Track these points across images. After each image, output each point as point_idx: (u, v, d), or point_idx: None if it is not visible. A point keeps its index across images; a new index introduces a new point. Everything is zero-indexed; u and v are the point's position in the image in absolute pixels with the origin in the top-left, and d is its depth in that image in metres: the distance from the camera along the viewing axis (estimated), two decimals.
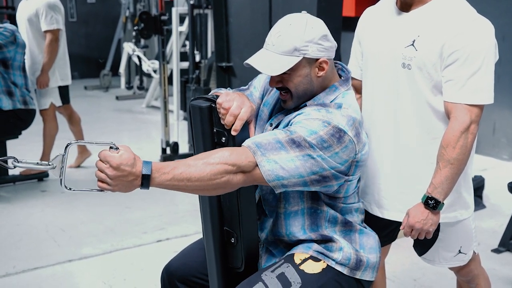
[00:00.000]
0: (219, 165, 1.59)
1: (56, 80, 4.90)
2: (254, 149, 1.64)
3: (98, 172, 1.51)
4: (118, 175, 1.49)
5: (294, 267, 1.81)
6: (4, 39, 4.41)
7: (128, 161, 1.49)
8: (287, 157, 1.65)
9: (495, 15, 5.37)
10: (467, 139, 1.90)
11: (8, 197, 4.57)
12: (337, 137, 1.68)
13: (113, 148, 1.50)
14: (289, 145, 1.65)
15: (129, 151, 1.52)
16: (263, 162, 1.64)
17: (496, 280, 3.20)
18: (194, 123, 1.81)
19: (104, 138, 6.43)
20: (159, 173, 1.53)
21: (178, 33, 6.46)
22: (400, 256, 3.38)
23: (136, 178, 1.51)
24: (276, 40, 1.76)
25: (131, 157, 1.50)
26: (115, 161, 1.48)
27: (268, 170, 1.64)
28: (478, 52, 1.89)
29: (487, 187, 4.50)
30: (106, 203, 4.37)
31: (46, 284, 3.19)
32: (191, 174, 1.56)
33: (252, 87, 2.04)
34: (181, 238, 3.77)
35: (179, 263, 2.04)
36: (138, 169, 1.51)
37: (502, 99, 5.47)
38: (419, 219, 1.94)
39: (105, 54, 10.41)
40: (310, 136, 1.66)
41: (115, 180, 1.49)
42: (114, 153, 1.50)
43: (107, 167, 1.49)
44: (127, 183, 1.51)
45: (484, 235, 3.79)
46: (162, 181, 1.54)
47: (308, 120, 1.70)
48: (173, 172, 1.54)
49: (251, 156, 1.64)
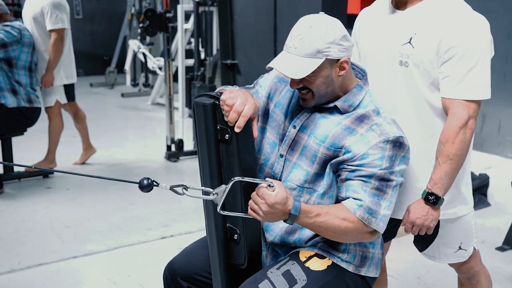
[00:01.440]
0: (353, 224, 1.73)
1: (61, 79, 4.90)
2: (369, 220, 1.74)
3: (253, 204, 1.68)
4: (271, 212, 1.65)
5: (300, 264, 1.82)
6: (10, 38, 4.42)
7: (282, 200, 1.65)
8: (386, 204, 1.77)
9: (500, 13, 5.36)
10: (466, 134, 1.91)
11: (14, 193, 4.59)
12: (398, 145, 1.76)
13: (270, 186, 1.65)
14: (381, 192, 1.76)
15: (283, 189, 1.66)
16: (380, 224, 1.77)
17: (500, 278, 3.20)
18: (198, 120, 1.81)
19: (109, 135, 6.48)
20: (304, 215, 1.70)
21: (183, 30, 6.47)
22: (403, 254, 3.38)
23: (284, 215, 1.68)
24: (298, 42, 1.76)
25: (284, 196, 1.65)
26: (271, 200, 1.64)
27: (382, 227, 1.78)
28: (475, 48, 1.90)
29: (492, 185, 4.49)
30: (111, 200, 4.39)
31: (51, 280, 3.21)
32: (329, 225, 1.72)
33: (258, 86, 2.04)
34: (186, 235, 3.78)
35: (181, 261, 2.05)
36: (288, 208, 1.67)
37: (508, 97, 5.46)
38: (419, 215, 1.95)
39: (110, 51, 10.42)
40: (382, 163, 1.74)
41: (266, 215, 1.66)
42: (271, 191, 1.64)
43: (263, 203, 1.65)
44: (276, 217, 1.68)
45: (488, 233, 3.79)
46: (303, 222, 1.72)
47: (372, 148, 1.75)
48: (315, 218, 1.71)
49: None
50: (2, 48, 4.39)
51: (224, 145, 1.80)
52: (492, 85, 1.97)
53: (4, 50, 4.40)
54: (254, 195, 1.67)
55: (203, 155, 1.83)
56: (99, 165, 5.16)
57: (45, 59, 4.77)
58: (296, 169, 1.86)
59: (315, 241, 1.88)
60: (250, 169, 1.83)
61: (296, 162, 1.86)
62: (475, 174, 4.40)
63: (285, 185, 1.86)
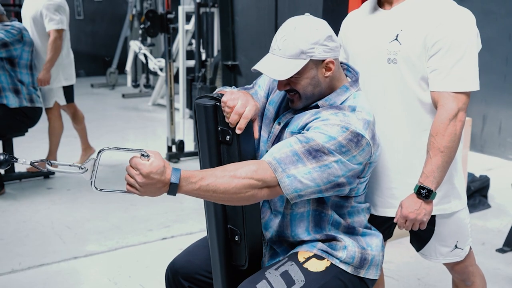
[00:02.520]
0: (245, 180, 1.63)
1: (60, 81, 4.89)
2: (275, 166, 1.67)
3: (128, 177, 1.55)
4: (147, 183, 1.53)
5: (298, 265, 1.82)
6: (11, 37, 4.43)
7: (158, 169, 1.53)
8: (305, 170, 1.68)
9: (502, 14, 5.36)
10: (456, 126, 1.91)
11: (15, 194, 4.60)
12: (355, 142, 1.71)
13: (144, 155, 1.53)
14: (306, 157, 1.68)
15: (159, 158, 1.55)
16: (284, 178, 1.67)
17: (500, 280, 3.20)
18: (199, 122, 1.82)
19: (110, 136, 6.48)
20: (187, 182, 1.58)
21: (184, 31, 6.47)
22: (404, 255, 3.38)
23: (164, 185, 1.56)
24: (282, 44, 1.77)
25: (161, 165, 1.54)
26: (145, 169, 1.52)
27: (287, 185, 1.68)
28: (460, 40, 1.92)
29: (493, 187, 4.49)
30: (112, 201, 4.39)
31: (52, 280, 3.21)
32: (217, 186, 1.60)
33: (257, 86, 2.04)
34: (186, 235, 3.78)
35: (183, 260, 2.05)
36: (167, 177, 1.55)
37: (509, 99, 5.45)
38: (412, 209, 1.94)
39: (111, 52, 10.44)
40: (328, 142, 1.68)
41: (144, 187, 1.54)
42: (145, 160, 1.53)
43: (137, 174, 1.53)
44: (155, 189, 1.56)
45: (489, 235, 3.79)
46: (188, 190, 1.59)
47: (327, 125, 1.71)
48: (200, 182, 1.59)
49: (273, 172, 1.67)
50: (3, 48, 4.39)
51: (225, 147, 1.80)
52: (493, 87, 1.98)
53: (6, 50, 4.41)
54: (128, 167, 1.55)
55: (204, 156, 1.84)
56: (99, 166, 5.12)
57: (43, 60, 4.76)
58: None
59: (313, 238, 1.87)
60: None
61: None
62: (475, 176, 4.40)
63: None
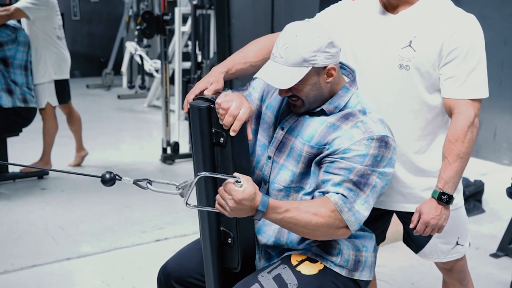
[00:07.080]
0: (324, 218, 1.70)
1: (50, 74, 4.77)
2: (341, 207, 1.72)
3: (220, 198, 1.64)
4: (238, 208, 1.62)
5: (291, 268, 1.81)
6: (5, 37, 4.41)
7: (249, 196, 1.61)
8: (361, 201, 1.74)
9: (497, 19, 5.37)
10: (473, 132, 1.95)
11: (8, 194, 4.58)
12: (384, 145, 1.75)
13: (238, 182, 1.61)
14: (358, 189, 1.73)
15: (251, 185, 1.62)
16: (351, 218, 1.73)
17: (494, 285, 3.20)
18: (193, 124, 1.82)
19: (105, 137, 6.46)
20: (273, 211, 1.67)
21: (180, 33, 6.46)
22: (398, 259, 3.37)
23: (251, 210, 1.64)
24: (283, 52, 1.76)
25: (252, 191, 1.62)
26: (238, 196, 1.60)
27: (354, 222, 1.74)
28: (475, 47, 1.94)
29: (487, 192, 4.49)
30: (106, 202, 4.37)
31: (44, 282, 3.20)
32: (299, 220, 1.68)
33: (251, 88, 2.04)
34: (180, 238, 3.77)
35: (175, 264, 2.04)
36: (255, 204, 1.63)
37: (504, 104, 5.46)
38: (433, 215, 1.95)
39: (107, 53, 10.40)
40: (364, 161, 1.72)
41: (233, 211, 1.63)
42: (238, 186, 1.61)
43: (230, 199, 1.61)
44: (243, 212, 1.65)
45: (483, 240, 3.79)
46: (271, 218, 1.69)
47: (355, 144, 1.73)
48: (285, 214, 1.68)
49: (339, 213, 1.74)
50: None
51: (219, 149, 1.80)
52: (489, 91, 1.99)
53: (0, 50, 4.39)
54: (221, 190, 1.64)
55: (197, 158, 1.83)
56: (94, 167, 5.13)
57: (39, 56, 4.71)
58: (283, 170, 1.86)
59: (308, 245, 1.87)
60: (245, 172, 1.82)
61: (283, 163, 1.86)
62: (470, 181, 4.40)
63: (272, 187, 1.86)
